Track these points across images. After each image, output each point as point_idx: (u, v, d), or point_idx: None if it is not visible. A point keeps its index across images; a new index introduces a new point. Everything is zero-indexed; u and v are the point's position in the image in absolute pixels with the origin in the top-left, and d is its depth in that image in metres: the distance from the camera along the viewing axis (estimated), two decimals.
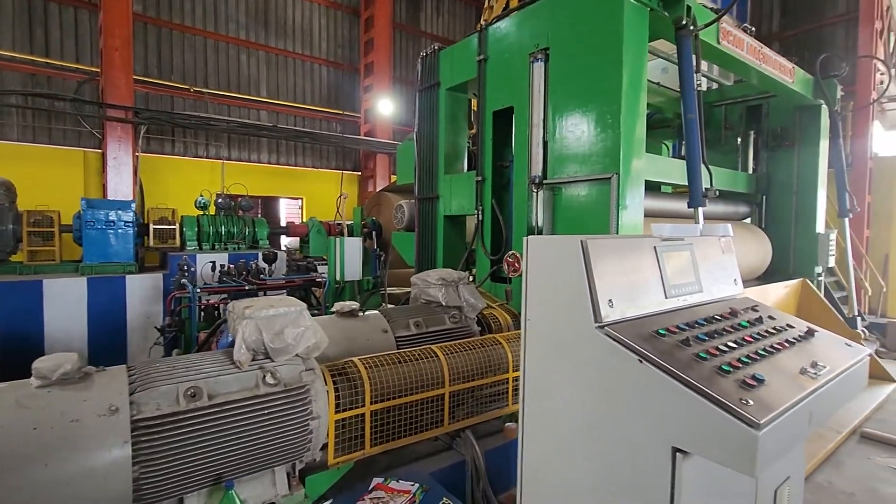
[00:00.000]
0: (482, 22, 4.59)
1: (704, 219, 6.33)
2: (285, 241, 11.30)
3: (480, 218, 4.74)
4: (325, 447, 2.57)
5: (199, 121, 9.88)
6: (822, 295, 6.25)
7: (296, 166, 12.38)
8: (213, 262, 5.44)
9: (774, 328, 1.82)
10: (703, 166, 3.57)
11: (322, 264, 6.32)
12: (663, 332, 1.53)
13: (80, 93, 9.33)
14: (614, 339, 1.46)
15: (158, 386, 2.05)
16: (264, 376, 2.27)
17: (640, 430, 1.40)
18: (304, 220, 11.82)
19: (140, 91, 10.06)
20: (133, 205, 5.77)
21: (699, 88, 3.59)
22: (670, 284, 1.78)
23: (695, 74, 3.60)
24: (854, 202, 6.30)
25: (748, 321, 1.81)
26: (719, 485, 1.44)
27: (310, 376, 2.43)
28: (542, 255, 1.72)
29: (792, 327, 1.89)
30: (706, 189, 3.58)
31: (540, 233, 3.97)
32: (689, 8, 3.62)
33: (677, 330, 1.58)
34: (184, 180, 10.33)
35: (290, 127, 11.51)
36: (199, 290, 4.62)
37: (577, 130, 3.77)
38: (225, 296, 4.88)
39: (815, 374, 1.48)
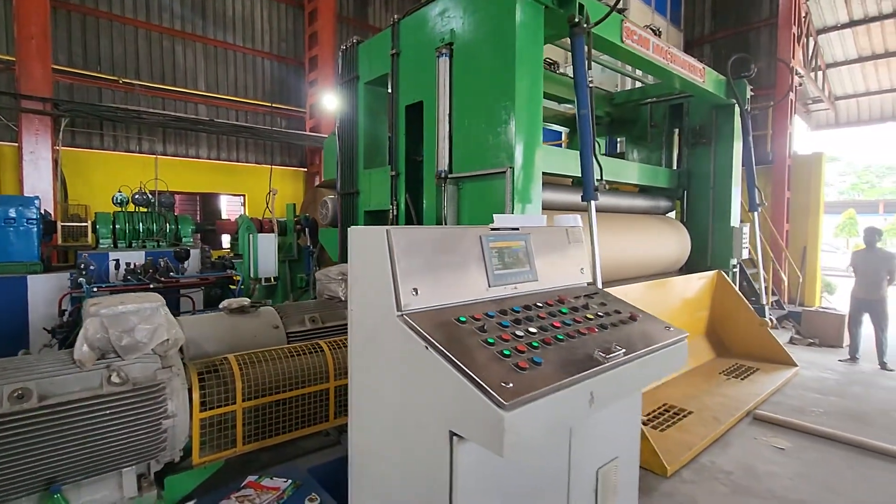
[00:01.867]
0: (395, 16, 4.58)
1: (630, 212, 6.54)
2: (227, 239, 10.98)
3: (395, 213, 4.72)
4: (190, 447, 2.51)
5: (127, 114, 9.45)
6: (735, 286, 6.56)
7: (238, 162, 12.04)
8: (117, 260, 5.21)
9: (597, 314, 1.88)
10: (595, 160, 3.66)
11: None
12: (464, 319, 1.56)
13: None
14: (409, 327, 1.48)
15: None
16: (109, 376, 2.18)
17: (427, 414, 1.42)
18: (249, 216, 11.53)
19: (63, 82, 9.56)
20: (37, 201, 5.45)
21: (591, 85, 3.68)
22: (495, 274, 1.81)
23: (588, 71, 3.69)
24: (762, 197, 6.62)
25: (571, 308, 1.87)
26: (506, 469, 1.47)
27: (166, 374, 2.35)
28: (360, 246, 1.72)
29: (618, 313, 1.96)
30: (597, 181, 3.67)
31: None
32: (581, 6, 3.71)
33: (482, 317, 1.60)
34: (114, 176, 9.86)
35: (228, 121, 11.16)
36: (95, 290, 4.42)
37: (477, 125, 3.81)
38: None
39: (605, 357, 1.54)
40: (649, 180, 6.41)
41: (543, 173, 4.36)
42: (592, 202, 3.67)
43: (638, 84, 8.86)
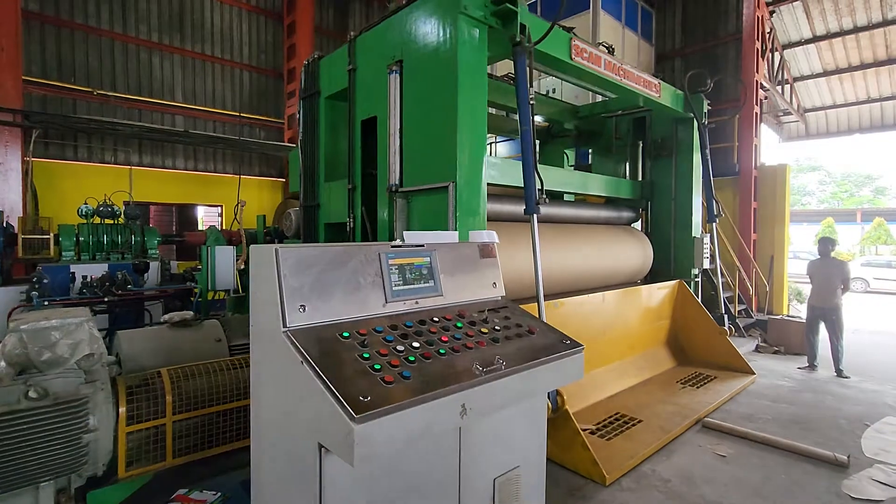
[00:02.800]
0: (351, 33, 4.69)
1: (595, 223, 6.66)
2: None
3: (352, 226, 4.79)
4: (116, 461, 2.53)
5: (100, 125, 9.45)
6: (697, 295, 6.68)
7: (215, 173, 12.06)
8: (73, 274, 5.22)
9: (494, 328, 1.96)
10: (536, 174, 3.76)
11: None
12: (347, 334, 1.62)
13: None
14: (291, 343, 1.54)
15: None
16: (27, 391, 2.21)
17: (302, 426, 1.48)
18: (225, 227, 11.53)
19: (36, 93, 9.56)
20: None
21: (532, 102, 3.79)
22: (394, 290, 1.88)
23: (529, 89, 3.80)
24: (720, 208, 6.78)
25: (469, 322, 1.94)
26: (383, 480, 1.53)
27: (89, 388, 2.38)
28: (256, 264, 1.78)
29: (519, 326, 2.03)
30: (538, 193, 3.76)
31: None
32: (522, 26, 3.82)
33: (368, 332, 1.67)
34: (88, 187, 9.82)
35: (203, 132, 11.19)
36: (45, 303, 4.42)
37: (424, 140, 3.91)
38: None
39: (482, 370, 1.61)
40: (613, 192, 6.54)
41: (499, 186, 4.47)
42: (534, 215, 3.76)
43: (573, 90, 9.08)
